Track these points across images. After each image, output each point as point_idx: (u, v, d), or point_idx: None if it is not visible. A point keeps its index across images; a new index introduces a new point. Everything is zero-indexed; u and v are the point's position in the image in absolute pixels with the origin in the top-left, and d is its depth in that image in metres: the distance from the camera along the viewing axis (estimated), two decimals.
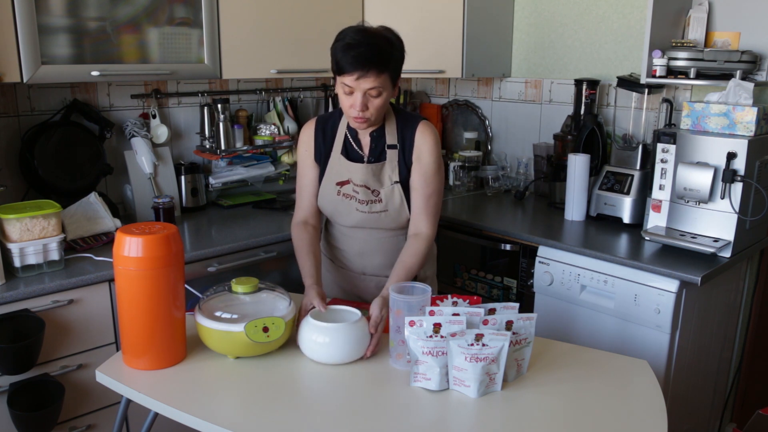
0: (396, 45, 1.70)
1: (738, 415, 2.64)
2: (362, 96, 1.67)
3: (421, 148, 1.80)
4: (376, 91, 1.67)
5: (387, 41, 1.68)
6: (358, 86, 1.65)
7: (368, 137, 1.84)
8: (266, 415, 1.31)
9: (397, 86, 1.76)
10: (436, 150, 1.81)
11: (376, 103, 1.69)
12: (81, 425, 1.98)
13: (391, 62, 1.67)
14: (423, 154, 1.80)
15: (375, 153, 1.83)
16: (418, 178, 1.81)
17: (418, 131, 1.80)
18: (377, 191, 1.82)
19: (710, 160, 2.05)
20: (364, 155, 1.84)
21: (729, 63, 2.14)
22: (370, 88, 1.66)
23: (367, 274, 1.94)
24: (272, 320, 1.46)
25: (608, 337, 2.13)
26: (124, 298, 1.44)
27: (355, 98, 1.68)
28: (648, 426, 1.28)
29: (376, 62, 1.63)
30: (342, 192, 1.84)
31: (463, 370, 1.35)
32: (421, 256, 1.78)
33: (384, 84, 1.67)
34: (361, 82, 1.64)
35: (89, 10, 2.08)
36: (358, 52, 1.62)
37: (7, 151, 2.29)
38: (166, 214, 2.38)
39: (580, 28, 2.82)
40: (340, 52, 1.65)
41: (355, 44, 1.63)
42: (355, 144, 1.85)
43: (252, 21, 2.46)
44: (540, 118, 3.00)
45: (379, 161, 1.82)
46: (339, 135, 1.86)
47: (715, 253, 2.03)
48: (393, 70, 1.69)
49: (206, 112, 2.67)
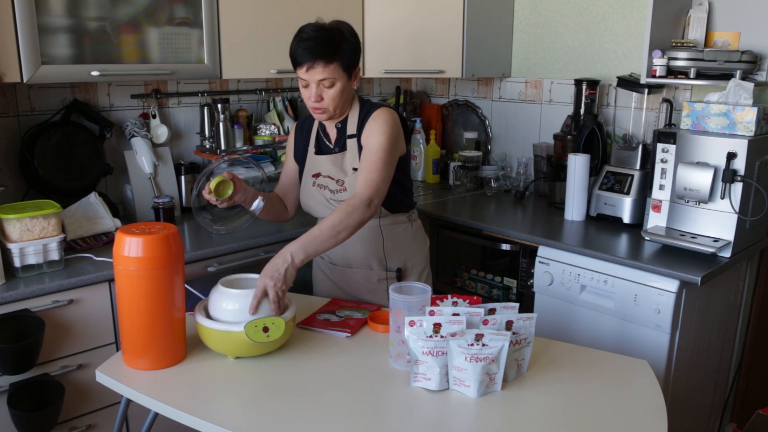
0: (347, 37, 1.79)
1: (738, 415, 2.64)
2: (316, 87, 1.77)
3: (369, 129, 1.84)
4: (328, 82, 1.76)
5: (337, 33, 1.77)
6: (311, 77, 1.76)
7: (334, 129, 1.92)
8: (266, 415, 1.31)
9: (355, 78, 1.83)
10: (385, 127, 1.81)
11: (330, 94, 1.78)
12: (81, 425, 1.98)
13: (340, 53, 1.75)
14: (370, 133, 1.82)
15: (339, 144, 1.92)
16: (364, 154, 1.81)
17: (371, 116, 1.85)
18: (341, 180, 1.89)
19: (710, 160, 2.05)
20: (332, 147, 1.93)
21: (729, 63, 2.14)
22: (321, 79, 1.75)
23: (352, 267, 1.98)
24: (272, 320, 1.46)
25: (608, 337, 2.13)
26: (124, 298, 1.44)
27: (310, 90, 1.78)
28: (648, 426, 1.28)
29: (322, 53, 1.72)
30: (317, 183, 1.94)
31: (463, 370, 1.35)
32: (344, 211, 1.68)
33: (335, 74, 1.76)
34: (311, 73, 1.75)
35: (89, 10, 2.08)
36: (306, 44, 1.74)
37: (7, 151, 2.29)
38: (166, 214, 2.38)
39: (580, 28, 2.82)
40: (293, 47, 1.78)
41: (306, 38, 1.75)
42: (325, 138, 1.95)
43: (252, 21, 2.46)
44: (540, 118, 3.00)
45: (342, 151, 1.90)
46: (313, 132, 1.98)
47: (715, 253, 2.03)
48: (343, 60, 1.76)
49: (206, 112, 2.67)
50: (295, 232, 2.37)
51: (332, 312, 1.77)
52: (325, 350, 1.58)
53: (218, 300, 1.51)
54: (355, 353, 1.57)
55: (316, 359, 1.53)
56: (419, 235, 2.04)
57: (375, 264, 1.96)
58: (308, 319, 1.73)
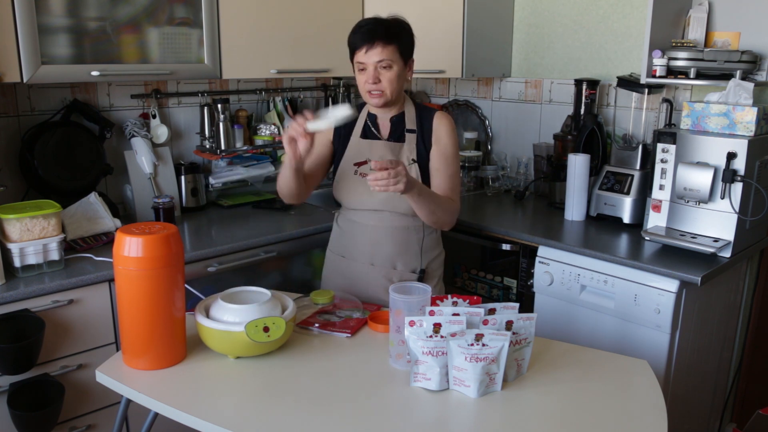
0: (404, 26, 1.85)
1: (738, 415, 2.64)
2: (374, 69, 1.80)
3: (440, 131, 1.91)
4: (386, 63, 1.80)
5: (395, 21, 1.84)
6: (368, 59, 1.79)
7: (388, 122, 1.94)
8: (266, 415, 1.31)
9: (409, 68, 1.88)
10: (453, 135, 1.93)
11: (388, 76, 1.81)
12: (81, 425, 1.98)
13: (398, 36, 1.80)
14: (442, 136, 1.91)
15: (395, 135, 1.94)
16: (438, 158, 1.91)
17: (435, 117, 1.93)
18: None
19: (710, 160, 2.05)
20: (383, 138, 1.94)
21: (729, 63, 2.14)
22: (378, 60, 1.79)
23: (375, 265, 1.96)
24: (273, 320, 1.46)
25: (608, 337, 2.13)
26: (124, 298, 1.44)
27: (367, 72, 1.81)
28: (648, 426, 1.28)
29: (381, 35, 1.78)
30: (360, 171, 1.92)
31: (463, 370, 1.35)
32: (449, 207, 1.86)
33: (392, 57, 1.80)
34: (370, 54, 1.79)
35: (89, 10, 2.08)
36: (366, 29, 1.80)
37: (7, 151, 2.29)
38: (166, 214, 2.38)
39: (580, 28, 2.82)
40: (351, 35, 1.83)
41: (365, 24, 1.82)
42: (374, 129, 1.95)
43: (252, 21, 2.46)
44: (540, 118, 3.00)
45: (398, 142, 1.92)
46: (359, 122, 1.96)
47: (715, 253, 2.03)
48: (401, 44, 1.82)
49: (206, 112, 2.67)
50: (296, 232, 2.38)
51: (332, 312, 1.77)
52: (325, 350, 1.58)
53: (218, 315, 1.51)
54: (355, 353, 1.57)
55: (316, 359, 1.53)
56: (440, 241, 2.05)
57: (400, 264, 1.95)
58: (308, 319, 1.73)
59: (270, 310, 1.51)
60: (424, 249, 1.96)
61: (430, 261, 1.98)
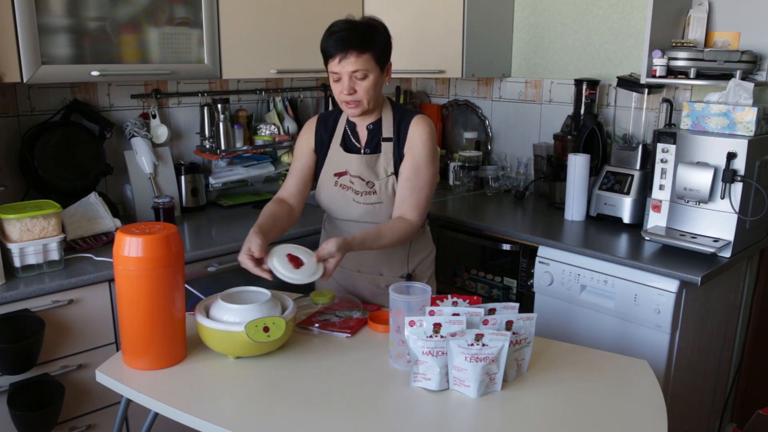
0: (379, 29, 1.76)
1: (738, 415, 2.64)
2: (348, 79, 1.73)
3: (414, 139, 1.83)
4: (361, 74, 1.72)
5: (369, 26, 1.75)
6: (343, 69, 1.72)
7: (365, 130, 1.88)
8: (266, 415, 1.31)
9: (386, 73, 1.81)
10: (429, 143, 1.83)
11: (363, 86, 1.74)
12: (81, 425, 1.98)
13: (372, 43, 1.72)
14: (415, 145, 1.82)
15: (371, 145, 1.87)
16: (409, 167, 1.82)
17: (412, 123, 1.84)
18: (372, 182, 1.85)
19: (710, 160, 2.05)
20: (361, 147, 1.88)
21: (729, 63, 2.14)
22: (354, 70, 1.71)
23: (362, 272, 1.96)
24: (273, 320, 1.46)
25: (608, 337, 2.13)
26: (124, 298, 1.44)
27: (342, 83, 1.74)
28: (648, 426, 1.28)
29: (355, 43, 1.70)
30: (339, 183, 1.88)
31: (463, 370, 1.35)
32: (398, 233, 1.76)
33: (368, 66, 1.72)
34: (344, 64, 1.71)
35: (89, 10, 2.08)
36: (338, 36, 1.71)
37: (7, 151, 2.29)
38: (166, 214, 2.38)
39: (580, 28, 2.82)
40: (324, 41, 1.74)
41: (337, 30, 1.72)
42: (353, 137, 1.89)
43: (252, 21, 2.46)
44: (540, 118, 3.00)
45: (374, 153, 1.86)
46: (339, 129, 1.91)
47: (715, 253, 2.03)
48: (376, 51, 1.74)
49: (206, 112, 2.67)
50: (295, 232, 2.37)
51: (332, 312, 1.77)
52: (325, 350, 1.58)
53: (218, 315, 1.51)
54: (355, 353, 1.57)
55: (316, 359, 1.53)
56: (429, 241, 2.04)
57: (385, 269, 1.94)
58: (308, 319, 1.73)
59: (270, 310, 1.51)
60: (411, 253, 1.95)
61: (418, 264, 1.97)
